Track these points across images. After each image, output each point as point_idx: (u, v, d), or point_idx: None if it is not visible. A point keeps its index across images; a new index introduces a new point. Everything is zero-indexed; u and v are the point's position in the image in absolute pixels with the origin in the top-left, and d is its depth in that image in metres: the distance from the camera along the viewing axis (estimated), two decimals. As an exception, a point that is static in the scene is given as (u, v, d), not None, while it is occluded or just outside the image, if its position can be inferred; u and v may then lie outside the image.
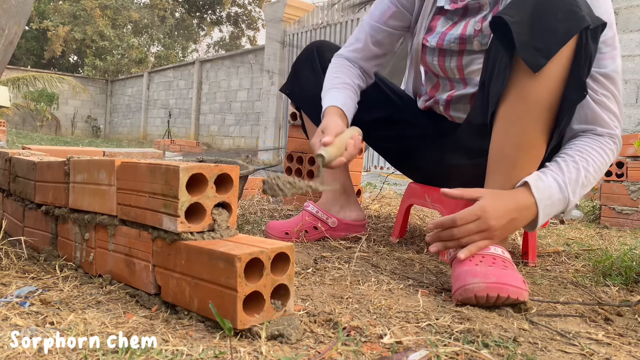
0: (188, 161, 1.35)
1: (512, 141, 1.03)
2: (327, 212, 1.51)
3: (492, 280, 0.89)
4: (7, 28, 1.27)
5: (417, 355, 0.64)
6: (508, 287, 0.88)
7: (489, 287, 0.88)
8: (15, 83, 13.17)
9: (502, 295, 0.87)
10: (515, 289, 0.88)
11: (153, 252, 0.82)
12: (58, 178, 1.04)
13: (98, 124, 17.23)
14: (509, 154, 1.03)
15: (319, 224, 1.50)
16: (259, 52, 10.57)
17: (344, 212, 1.53)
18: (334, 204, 1.53)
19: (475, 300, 0.89)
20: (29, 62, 20.73)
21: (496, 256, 0.96)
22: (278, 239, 1.37)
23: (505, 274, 0.90)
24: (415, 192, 1.53)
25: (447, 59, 1.34)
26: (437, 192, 1.40)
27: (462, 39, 1.29)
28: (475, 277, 0.90)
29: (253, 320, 0.70)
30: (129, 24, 20.38)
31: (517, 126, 1.01)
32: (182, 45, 23.13)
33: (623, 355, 0.72)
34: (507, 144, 1.04)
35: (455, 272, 0.96)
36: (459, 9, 1.31)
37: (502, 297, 0.87)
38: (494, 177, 1.06)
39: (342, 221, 1.52)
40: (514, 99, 1.01)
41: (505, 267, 0.93)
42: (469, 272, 0.92)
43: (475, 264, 0.94)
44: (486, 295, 0.88)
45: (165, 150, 8.32)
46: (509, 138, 1.03)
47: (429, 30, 1.37)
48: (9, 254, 1.08)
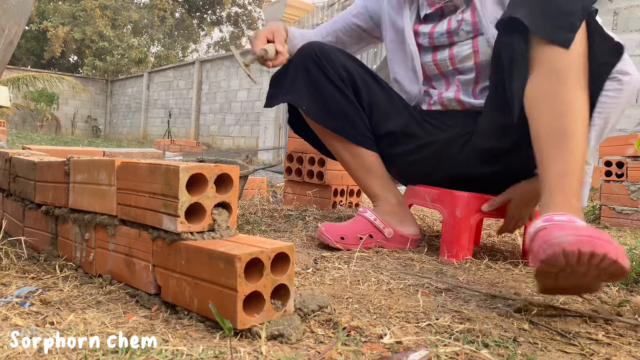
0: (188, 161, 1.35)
1: (557, 113, 0.99)
2: (385, 222, 1.44)
3: (583, 233, 0.73)
4: (7, 28, 1.27)
5: (417, 355, 0.64)
6: (604, 243, 0.71)
7: (581, 240, 0.71)
8: (15, 83, 13.17)
9: (598, 252, 0.69)
10: (613, 248, 0.71)
11: (153, 252, 0.82)
12: (58, 178, 1.04)
13: (98, 124, 17.24)
14: (559, 127, 0.98)
15: (375, 233, 1.44)
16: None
17: (402, 226, 1.46)
18: (393, 216, 1.46)
19: (564, 259, 0.71)
20: (29, 62, 20.73)
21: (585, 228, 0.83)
22: (334, 242, 1.39)
23: (598, 232, 0.75)
24: (415, 192, 1.51)
25: (439, 53, 1.44)
26: (436, 192, 1.39)
27: (449, 33, 1.40)
28: (563, 230, 0.75)
29: (253, 320, 0.70)
30: (128, 24, 20.37)
31: (559, 97, 1.00)
32: (182, 46, 23.14)
33: (623, 355, 0.72)
34: (553, 118, 1.00)
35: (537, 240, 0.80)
36: (438, 9, 1.43)
37: (598, 254, 0.69)
38: (546, 153, 0.99)
39: (399, 233, 1.45)
40: (543, 78, 1.02)
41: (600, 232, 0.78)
42: (556, 225, 0.78)
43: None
44: (577, 250, 0.70)
45: (165, 150, 8.32)
46: (554, 111, 1.00)
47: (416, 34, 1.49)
48: (9, 254, 1.08)
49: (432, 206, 1.42)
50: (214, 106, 12.14)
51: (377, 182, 1.47)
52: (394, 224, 1.45)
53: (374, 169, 1.48)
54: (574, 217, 0.83)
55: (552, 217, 0.84)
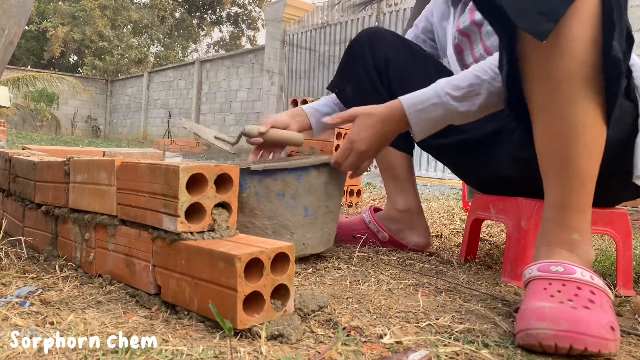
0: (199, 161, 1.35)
1: (555, 133, 0.82)
2: (381, 226, 1.40)
3: (562, 327, 0.68)
4: (7, 28, 1.27)
5: (417, 355, 0.64)
6: (585, 337, 0.67)
7: (559, 336, 0.68)
8: (15, 83, 13.17)
9: (577, 347, 0.67)
10: (594, 340, 0.67)
11: (153, 252, 0.82)
12: (58, 178, 1.04)
13: (98, 124, 17.23)
14: (556, 150, 0.83)
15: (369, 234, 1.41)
16: (259, 52, 10.57)
17: (403, 234, 1.40)
18: (394, 222, 1.40)
19: (542, 349, 0.69)
20: (29, 62, 20.73)
21: (582, 284, 0.76)
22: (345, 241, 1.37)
23: (584, 317, 0.69)
24: (479, 204, 1.29)
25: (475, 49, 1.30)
26: (501, 201, 1.19)
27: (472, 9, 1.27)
28: (541, 320, 0.69)
29: (253, 320, 0.70)
30: (128, 24, 20.37)
31: (554, 113, 0.81)
32: (182, 45, 23.13)
33: (623, 355, 0.72)
34: (551, 138, 0.83)
35: (524, 304, 0.76)
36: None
37: (577, 348, 0.67)
38: (547, 179, 0.86)
39: (395, 239, 1.39)
40: (536, 81, 0.83)
41: (590, 303, 0.72)
42: (536, 311, 0.72)
43: (551, 294, 0.75)
44: (554, 345, 0.68)
45: (165, 150, 8.32)
46: (551, 130, 0.83)
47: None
48: (9, 254, 1.08)
49: (497, 218, 1.20)
50: (214, 106, 12.13)
51: (391, 183, 1.43)
52: (393, 231, 1.41)
53: (391, 169, 1.41)
54: (571, 265, 0.78)
55: (549, 267, 0.80)
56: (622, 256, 1.08)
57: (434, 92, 1.06)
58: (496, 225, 2.01)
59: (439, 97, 1.05)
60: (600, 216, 1.09)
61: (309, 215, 1.17)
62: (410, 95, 1.09)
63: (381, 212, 1.45)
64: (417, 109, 1.07)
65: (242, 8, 23.32)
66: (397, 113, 1.09)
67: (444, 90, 1.05)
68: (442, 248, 1.54)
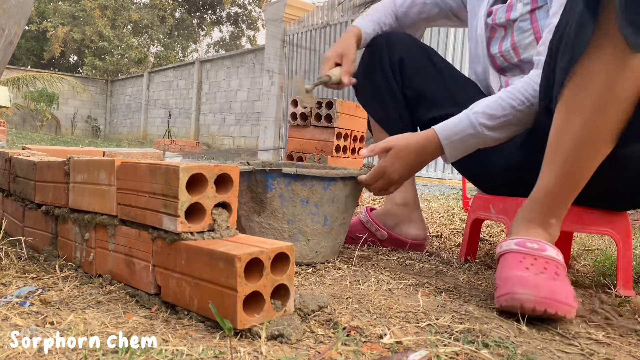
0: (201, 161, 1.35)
1: (573, 134, 0.88)
2: (378, 224, 1.42)
3: (542, 294, 0.82)
4: (7, 28, 1.27)
5: (417, 355, 0.64)
6: (558, 304, 0.81)
7: (538, 301, 0.82)
8: (15, 83, 13.18)
9: (550, 311, 0.81)
10: (564, 307, 0.82)
11: (153, 252, 0.82)
12: (58, 178, 1.04)
13: (98, 124, 17.24)
14: (567, 148, 0.89)
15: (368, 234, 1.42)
16: (259, 52, 10.57)
17: (399, 228, 1.42)
18: (390, 217, 1.43)
19: (521, 310, 0.83)
20: (29, 62, 20.73)
21: (549, 260, 0.89)
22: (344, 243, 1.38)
23: (557, 287, 0.83)
24: (479, 204, 1.30)
25: (504, 43, 1.29)
26: (501, 202, 1.21)
27: (509, 7, 1.26)
28: (525, 287, 0.83)
29: (253, 320, 0.70)
30: (128, 24, 20.37)
31: (584, 117, 0.86)
32: (182, 45, 23.13)
33: (623, 355, 0.72)
34: (567, 135, 0.89)
35: (503, 273, 0.89)
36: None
37: (550, 312, 0.81)
38: (549, 167, 0.93)
39: (394, 236, 1.41)
40: (591, 81, 0.84)
41: (556, 276, 0.86)
42: (519, 280, 0.85)
43: (526, 266, 0.87)
44: (533, 307, 0.82)
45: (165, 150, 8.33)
46: (571, 129, 0.88)
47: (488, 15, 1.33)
48: (9, 254, 1.08)
49: (497, 219, 1.23)
50: (214, 106, 12.13)
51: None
52: (389, 226, 1.42)
53: None
54: (544, 243, 0.91)
55: (525, 242, 0.92)
56: (622, 256, 1.08)
57: (468, 122, 1.09)
58: (496, 225, 2.01)
59: (474, 128, 1.09)
60: (600, 216, 1.09)
61: (327, 224, 1.19)
62: (446, 126, 1.11)
63: (378, 210, 1.47)
64: (453, 140, 1.11)
65: (242, 8, 23.32)
66: (433, 145, 1.13)
67: (479, 120, 1.08)
68: (442, 248, 1.54)
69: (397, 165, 1.15)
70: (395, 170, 1.15)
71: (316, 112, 2.26)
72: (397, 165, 1.15)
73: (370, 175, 1.18)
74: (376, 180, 1.18)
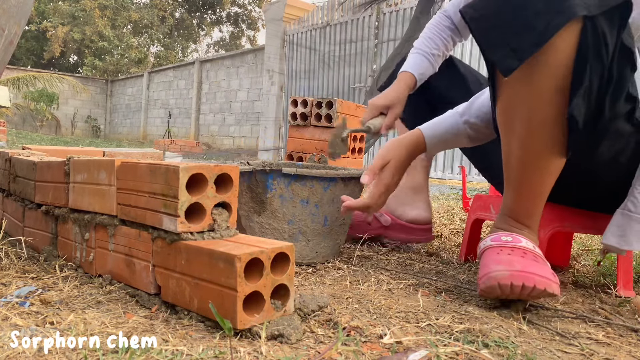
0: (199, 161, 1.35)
1: (514, 155, 0.90)
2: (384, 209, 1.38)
3: (516, 268, 0.82)
4: (7, 28, 1.27)
5: (417, 355, 0.64)
6: (534, 276, 0.81)
7: (513, 275, 0.81)
8: (15, 83, 13.17)
9: (528, 285, 0.81)
10: (542, 279, 0.81)
11: (153, 252, 0.82)
12: (58, 178, 1.04)
13: (98, 124, 17.23)
14: (514, 168, 0.91)
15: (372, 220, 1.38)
16: (259, 52, 10.57)
17: (402, 209, 1.38)
18: (393, 199, 1.36)
19: (500, 290, 0.83)
20: (29, 62, 20.73)
21: (527, 250, 0.90)
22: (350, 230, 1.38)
23: (532, 264, 0.84)
24: (479, 203, 1.30)
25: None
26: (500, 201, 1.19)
27: None
28: (499, 264, 0.85)
29: (253, 320, 0.70)
30: (128, 24, 20.37)
31: (517, 139, 0.89)
32: (182, 45, 23.12)
33: (623, 355, 0.72)
34: (511, 156, 0.92)
35: (482, 261, 0.92)
36: None
37: (528, 286, 0.81)
38: (507, 186, 0.96)
39: (397, 221, 1.38)
40: (502, 110, 0.90)
41: (535, 260, 0.87)
42: (493, 260, 0.87)
43: (506, 254, 0.89)
44: (510, 283, 0.81)
45: (165, 150, 8.33)
46: (512, 150, 0.91)
47: None
48: (9, 254, 1.08)
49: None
50: (214, 106, 12.13)
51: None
52: (391, 208, 1.39)
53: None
54: (518, 236, 0.92)
55: (500, 237, 0.92)
56: (623, 257, 1.08)
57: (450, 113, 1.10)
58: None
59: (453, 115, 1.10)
60: (600, 217, 1.09)
61: (327, 225, 1.19)
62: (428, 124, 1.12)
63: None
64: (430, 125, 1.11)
65: (242, 8, 23.31)
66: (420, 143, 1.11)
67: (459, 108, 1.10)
68: (442, 248, 1.54)
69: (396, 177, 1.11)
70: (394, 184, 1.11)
71: (316, 112, 2.26)
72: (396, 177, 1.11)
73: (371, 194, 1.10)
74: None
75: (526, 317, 0.86)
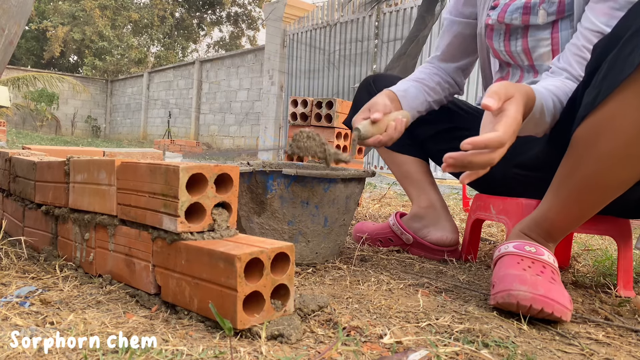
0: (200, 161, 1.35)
1: (583, 177, 0.86)
2: (404, 227, 1.39)
3: (539, 292, 0.82)
4: (7, 28, 1.27)
5: (417, 355, 0.64)
6: (554, 303, 0.82)
7: (536, 298, 0.82)
8: (15, 83, 13.17)
9: (547, 311, 0.81)
10: (560, 307, 0.82)
11: (153, 252, 0.82)
12: (58, 178, 1.04)
13: (98, 123, 17.23)
14: (574, 189, 0.88)
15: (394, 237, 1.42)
16: (259, 51, 10.57)
17: (426, 230, 1.37)
18: (416, 220, 1.39)
19: (516, 308, 0.84)
20: (29, 62, 20.73)
21: (546, 264, 0.90)
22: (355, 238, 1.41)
23: (554, 288, 0.84)
24: (479, 204, 1.30)
25: (512, 42, 1.22)
26: (501, 202, 1.20)
27: (526, 8, 1.16)
28: (523, 284, 0.84)
29: (253, 320, 0.70)
30: (128, 24, 20.36)
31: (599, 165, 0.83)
32: (182, 45, 23.12)
33: (623, 355, 0.72)
34: (577, 176, 0.87)
35: (501, 271, 0.90)
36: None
37: (546, 312, 0.81)
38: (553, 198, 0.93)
39: (419, 241, 1.37)
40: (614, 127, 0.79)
41: (553, 280, 0.87)
42: (517, 277, 0.85)
43: (524, 268, 0.88)
44: (530, 306, 0.82)
45: (165, 150, 8.33)
46: (582, 172, 0.86)
47: (492, 8, 1.25)
48: (9, 254, 1.08)
49: (498, 219, 1.21)
50: (214, 106, 12.13)
51: (412, 187, 1.44)
52: (414, 229, 1.39)
53: (410, 174, 1.44)
54: (541, 248, 0.93)
55: (523, 246, 0.94)
56: (623, 257, 1.08)
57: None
58: (496, 225, 2.01)
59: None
60: (601, 217, 1.09)
61: (327, 226, 1.19)
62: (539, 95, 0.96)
63: (406, 215, 1.45)
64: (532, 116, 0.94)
65: (242, 8, 23.31)
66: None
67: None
68: (442, 248, 1.54)
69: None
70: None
71: (316, 112, 2.26)
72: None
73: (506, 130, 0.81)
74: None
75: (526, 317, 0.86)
